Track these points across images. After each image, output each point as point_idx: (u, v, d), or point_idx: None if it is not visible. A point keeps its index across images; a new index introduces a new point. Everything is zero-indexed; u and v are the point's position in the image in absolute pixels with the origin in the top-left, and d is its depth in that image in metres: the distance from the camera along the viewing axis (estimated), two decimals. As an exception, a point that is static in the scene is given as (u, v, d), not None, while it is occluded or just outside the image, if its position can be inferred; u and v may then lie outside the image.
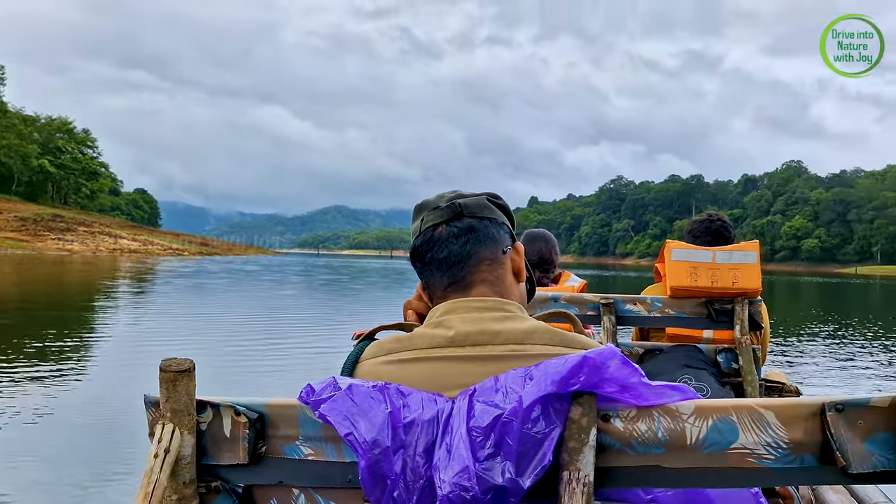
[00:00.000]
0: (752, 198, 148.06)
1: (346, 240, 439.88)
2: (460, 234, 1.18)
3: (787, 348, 13.52)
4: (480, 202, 1.23)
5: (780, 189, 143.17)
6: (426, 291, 1.24)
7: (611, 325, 3.00)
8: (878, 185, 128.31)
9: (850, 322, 20.14)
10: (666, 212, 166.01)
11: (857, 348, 13.85)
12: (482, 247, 1.18)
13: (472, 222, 1.19)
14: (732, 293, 2.90)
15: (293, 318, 16.12)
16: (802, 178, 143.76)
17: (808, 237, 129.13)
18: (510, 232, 1.26)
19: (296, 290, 26.81)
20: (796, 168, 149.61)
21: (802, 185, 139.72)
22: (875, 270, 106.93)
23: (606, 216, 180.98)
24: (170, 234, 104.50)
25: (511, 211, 1.31)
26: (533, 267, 3.28)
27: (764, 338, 3.09)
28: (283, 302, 20.92)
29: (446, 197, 1.24)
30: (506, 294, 1.19)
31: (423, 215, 1.24)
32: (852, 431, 0.87)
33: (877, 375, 10.56)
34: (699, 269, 2.92)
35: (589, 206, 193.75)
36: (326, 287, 30.29)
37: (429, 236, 1.20)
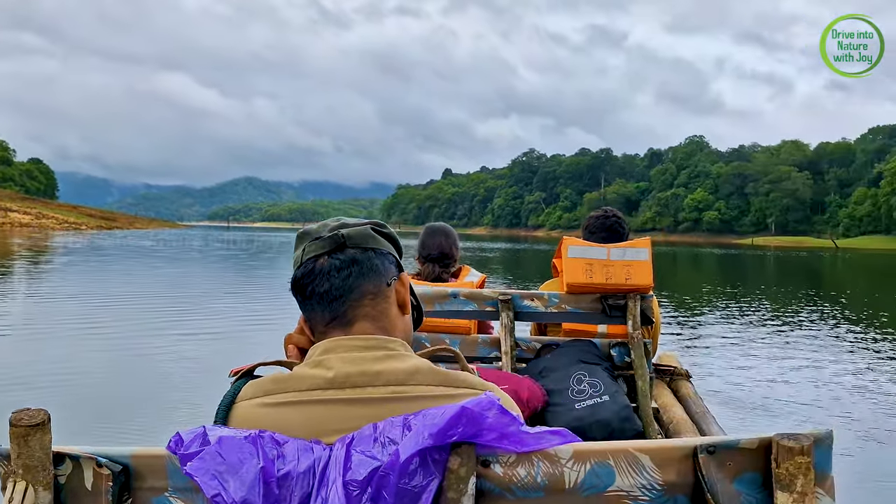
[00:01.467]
0: (657, 171, 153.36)
1: (259, 212, 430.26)
2: (342, 267, 1.14)
3: (684, 325, 14.11)
4: (364, 232, 1.19)
5: (683, 163, 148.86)
6: (308, 325, 1.20)
7: (509, 322, 3.03)
8: (773, 160, 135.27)
9: (744, 295, 21.20)
10: (576, 184, 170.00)
11: (749, 323, 14.59)
12: (365, 280, 1.15)
13: (355, 254, 1.15)
14: (626, 289, 2.97)
15: (163, 305, 13.94)
16: (704, 153, 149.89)
17: (708, 209, 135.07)
18: (396, 261, 1.23)
19: (180, 270, 24.67)
20: (698, 143, 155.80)
21: (704, 160, 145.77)
22: (769, 241, 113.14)
23: (519, 188, 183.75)
24: (67, 206, 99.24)
25: (397, 239, 1.27)
26: (433, 261, 3.27)
27: (655, 331, 3.19)
28: (155, 285, 18.50)
29: (329, 226, 1.20)
30: (389, 329, 1.16)
31: (304, 245, 1.19)
32: (722, 472, 0.90)
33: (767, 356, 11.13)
34: (594, 265, 2.98)
35: (502, 179, 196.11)
36: (218, 266, 27.87)
37: (310, 268, 1.15)
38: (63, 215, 78.16)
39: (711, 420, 3.31)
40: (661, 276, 29.63)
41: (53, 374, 7.31)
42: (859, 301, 20.03)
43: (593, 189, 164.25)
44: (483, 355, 3.13)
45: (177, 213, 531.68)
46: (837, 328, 13.28)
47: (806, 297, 20.25)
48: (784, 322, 14.12)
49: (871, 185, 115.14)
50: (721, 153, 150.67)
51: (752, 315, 15.16)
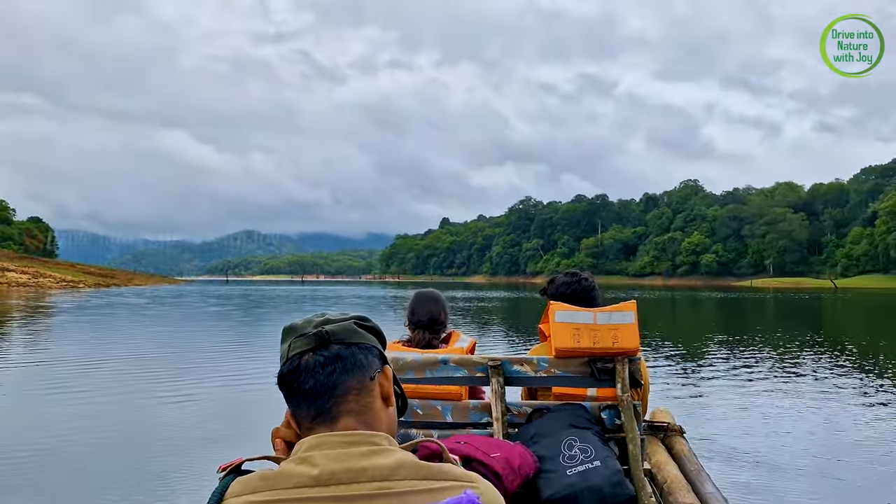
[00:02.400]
0: (653, 215, 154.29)
1: (258, 265, 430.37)
2: (327, 364, 1.17)
3: (681, 375, 14.04)
4: (348, 328, 1.22)
5: (679, 207, 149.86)
6: (294, 419, 1.22)
7: (499, 387, 3.06)
8: (767, 202, 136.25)
9: (744, 341, 21.12)
10: (574, 231, 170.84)
11: (750, 371, 14.51)
12: (349, 376, 1.18)
13: (339, 350, 1.19)
14: (613, 352, 3.01)
15: (144, 367, 13.50)
16: (699, 196, 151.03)
17: (706, 252, 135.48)
18: (380, 354, 1.26)
19: (166, 327, 23.87)
20: (693, 187, 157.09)
21: (699, 203, 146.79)
22: (768, 283, 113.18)
23: (517, 236, 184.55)
24: (65, 265, 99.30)
25: (381, 331, 1.30)
26: (423, 328, 3.31)
27: (644, 393, 3.22)
28: (137, 345, 17.85)
29: (314, 322, 1.23)
30: (374, 423, 1.18)
31: (290, 341, 1.22)
32: None
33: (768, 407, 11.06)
34: (581, 330, 3.02)
35: (499, 227, 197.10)
36: (208, 322, 27.14)
37: (295, 364, 1.19)
38: (61, 274, 78.19)
39: (706, 478, 3.31)
40: (661, 323, 29.55)
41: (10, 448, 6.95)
42: (862, 345, 19.96)
43: (590, 235, 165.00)
44: (475, 421, 3.15)
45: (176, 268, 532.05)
46: (841, 375, 13.21)
47: (807, 341, 20.19)
48: (785, 369, 14.05)
49: (866, 224, 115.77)
50: (716, 196, 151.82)
51: (753, 363, 15.09)
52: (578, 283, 3.32)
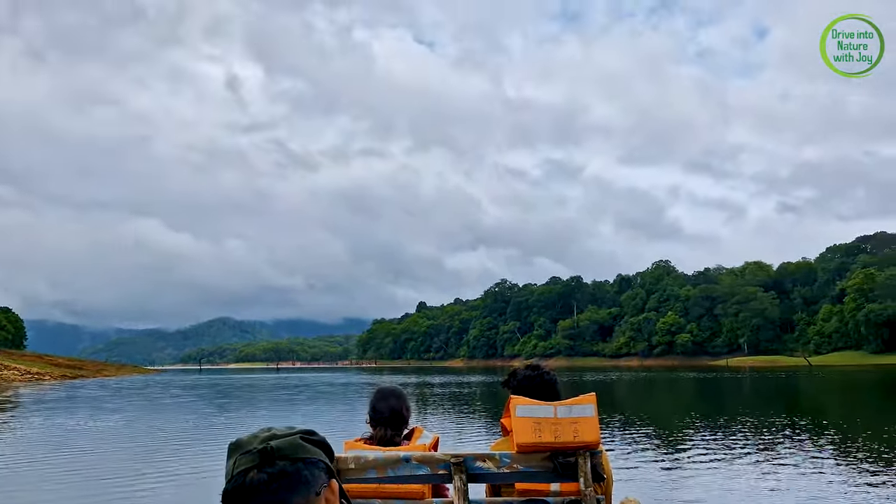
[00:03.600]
0: (627, 296, 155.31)
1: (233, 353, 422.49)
2: (272, 481, 1.16)
3: (656, 460, 13.89)
4: (294, 443, 1.21)
5: (652, 287, 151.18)
6: None
7: (462, 485, 3.03)
8: (738, 281, 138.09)
9: (720, 424, 21.02)
10: (550, 312, 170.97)
11: (725, 454, 14.40)
12: (294, 493, 1.17)
13: (284, 466, 1.18)
14: (574, 446, 3.01)
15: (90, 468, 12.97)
16: (671, 277, 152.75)
17: (681, 332, 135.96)
18: (326, 467, 1.25)
19: (115, 421, 22.45)
20: (665, 267, 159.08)
21: (672, 283, 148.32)
22: (744, 361, 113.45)
23: (493, 319, 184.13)
24: (31, 356, 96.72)
25: (328, 445, 1.31)
26: (385, 423, 3.30)
27: (607, 487, 3.20)
28: (83, 442, 16.84)
29: (260, 437, 1.22)
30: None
31: (235, 457, 1.21)
32: None
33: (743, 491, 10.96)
34: (542, 424, 3.02)
35: (476, 310, 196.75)
36: (163, 415, 25.68)
37: (240, 482, 1.18)
38: (27, 365, 76.03)
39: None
40: (637, 405, 29.29)
41: None
42: (840, 424, 19.95)
43: (566, 316, 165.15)
44: (439, 520, 3.09)
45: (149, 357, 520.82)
46: (821, 457, 13.15)
47: (786, 423, 20.13)
48: (764, 452, 13.96)
49: (835, 301, 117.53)
50: (687, 276, 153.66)
51: (730, 446, 14.98)
52: (540, 376, 3.33)
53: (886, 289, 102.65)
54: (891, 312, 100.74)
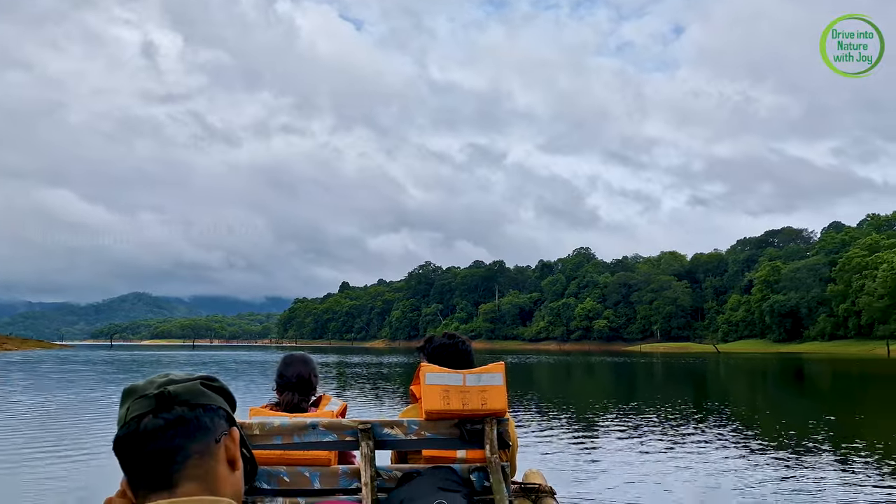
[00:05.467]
0: (548, 281, 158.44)
1: (148, 329, 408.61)
2: (168, 427, 1.10)
3: (562, 438, 14.24)
4: (193, 388, 1.15)
5: (572, 273, 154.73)
6: (130, 488, 1.13)
7: (369, 451, 3.02)
8: (654, 270, 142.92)
9: (629, 404, 21.72)
10: (472, 296, 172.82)
11: (631, 433, 14.89)
12: (192, 440, 1.11)
13: (182, 412, 1.12)
14: (482, 414, 3.04)
15: None
16: (591, 264, 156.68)
17: (598, 318, 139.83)
18: (227, 416, 1.19)
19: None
20: (585, 254, 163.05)
21: (591, 270, 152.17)
22: (657, 347, 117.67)
23: (416, 301, 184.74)
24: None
25: (229, 392, 1.24)
26: (292, 389, 3.25)
27: (512, 454, 3.25)
28: None
29: (156, 383, 1.15)
30: (217, 489, 1.11)
31: (129, 403, 1.14)
32: None
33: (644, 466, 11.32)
34: (451, 391, 3.04)
35: (399, 291, 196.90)
36: (50, 389, 23.94)
37: (133, 429, 1.11)
38: (-79, 338, 71.62)
39: (574, 540, 3.35)
40: (553, 387, 29.98)
41: None
42: (741, 407, 20.94)
43: (488, 300, 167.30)
44: (344, 486, 3.08)
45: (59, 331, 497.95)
46: (720, 436, 13.77)
47: (690, 404, 20.99)
48: (666, 432, 14.52)
49: (743, 292, 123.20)
50: (606, 264, 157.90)
51: (634, 425, 15.52)
52: (455, 345, 3.33)
53: (790, 281, 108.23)
54: (793, 303, 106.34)
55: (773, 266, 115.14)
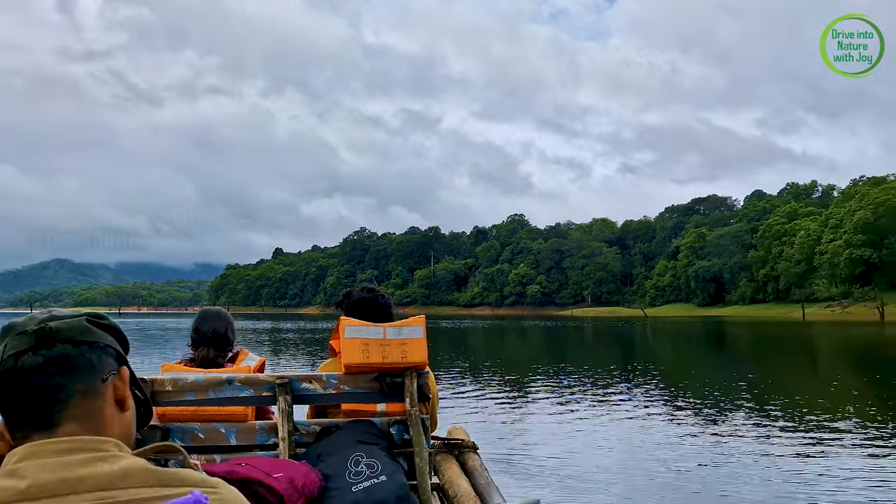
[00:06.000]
0: (483, 248, 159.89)
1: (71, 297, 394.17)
2: (48, 365, 1.04)
3: (489, 397, 14.46)
4: (78, 325, 1.09)
5: (506, 240, 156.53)
6: (7, 429, 1.07)
7: (286, 406, 2.97)
8: (586, 236, 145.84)
9: (558, 365, 22.19)
10: (407, 262, 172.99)
11: (556, 393, 15.25)
12: (74, 378, 1.05)
13: (64, 349, 1.05)
14: (402, 367, 3.02)
15: None
16: (525, 230, 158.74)
17: (531, 283, 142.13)
18: (117, 354, 1.14)
19: None
20: (519, 221, 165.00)
21: (525, 237, 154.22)
22: (587, 312, 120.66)
23: (351, 267, 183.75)
24: None
25: (119, 330, 1.18)
26: (207, 344, 3.16)
27: (433, 407, 3.25)
28: None
29: (37, 319, 1.09)
30: (103, 429, 1.06)
31: (6, 341, 1.07)
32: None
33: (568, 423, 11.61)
34: (371, 345, 3.00)
35: (334, 258, 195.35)
36: None
37: (9, 366, 1.04)
38: None
39: (494, 490, 3.39)
40: (488, 351, 30.39)
41: None
42: (666, 366, 21.67)
43: (424, 266, 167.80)
44: (261, 442, 3.03)
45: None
46: (642, 395, 14.23)
47: (617, 365, 21.61)
48: (592, 391, 14.92)
49: (670, 258, 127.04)
50: (540, 230, 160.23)
51: (561, 385, 15.90)
52: (374, 299, 3.30)
53: (714, 247, 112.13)
54: (717, 269, 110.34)
55: (698, 233, 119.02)
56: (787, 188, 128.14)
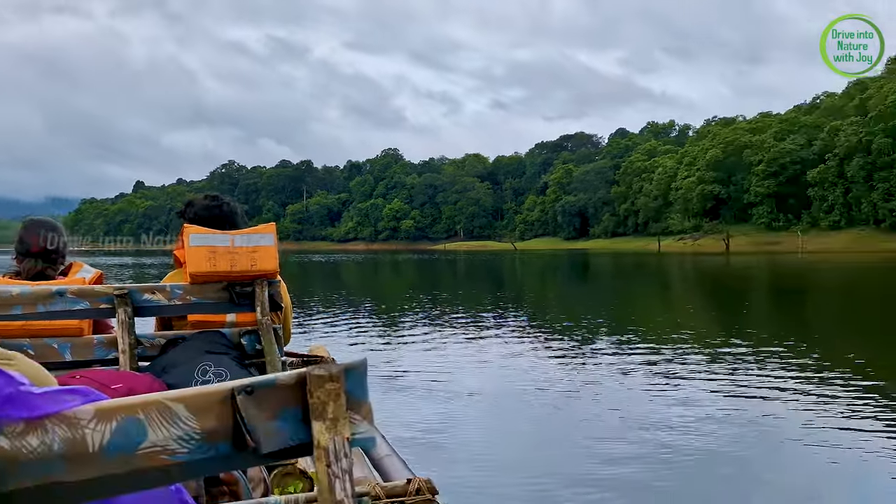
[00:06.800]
0: (356, 182, 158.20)
1: None
2: None
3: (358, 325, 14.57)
4: None
5: (380, 175, 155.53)
6: None
7: (126, 318, 2.80)
8: (459, 172, 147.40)
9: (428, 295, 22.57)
10: (279, 196, 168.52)
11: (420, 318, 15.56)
12: None
13: None
14: (252, 275, 2.92)
15: None
16: (399, 165, 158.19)
17: (405, 218, 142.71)
18: None
19: None
20: (393, 155, 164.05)
21: (399, 171, 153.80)
22: (460, 246, 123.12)
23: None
24: None
25: None
26: (34, 255, 2.92)
27: (285, 316, 3.18)
28: None
29: None
30: None
31: None
32: (261, 412, 0.87)
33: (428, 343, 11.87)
34: (218, 253, 2.87)
35: (201, 192, 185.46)
36: None
37: None
38: None
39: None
40: (361, 284, 30.40)
41: None
42: (533, 296, 22.53)
43: (296, 200, 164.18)
44: (100, 357, 2.86)
45: None
46: (515, 322, 14.78)
47: (485, 295, 22.25)
48: (462, 319, 15.33)
49: (539, 193, 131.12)
50: (414, 165, 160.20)
51: (439, 316, 16.23)
52: (220, 206, 3.13)
53: (580, 183, 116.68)
54: (582, 204, 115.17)
55: (566, 169, 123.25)
56: (647, 127, 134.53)
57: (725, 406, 6.86)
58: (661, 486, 4.83)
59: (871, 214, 70.72)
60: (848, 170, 72.06)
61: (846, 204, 73.89)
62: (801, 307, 18.10)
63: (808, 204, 78.45)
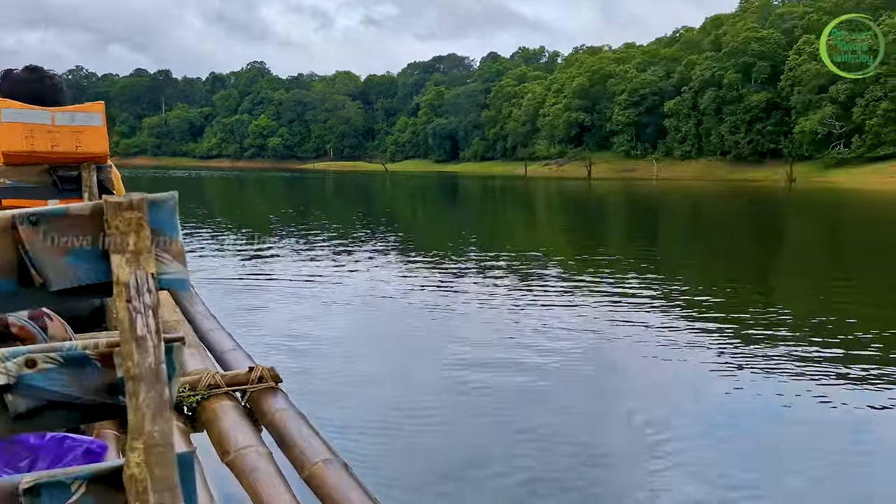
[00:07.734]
0: (220, 96, 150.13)
1: None
2: None
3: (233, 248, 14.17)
4: None
5: (246, 89, 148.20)
6: None
7: (-72, 201, 2.51)
8: (329, 89, 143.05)
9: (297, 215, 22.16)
10: (134, 108, 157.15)
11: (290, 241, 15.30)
12: None
13: None
14: (77, 158, 2.67)
15: None
16: (266, 80, 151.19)
17: (273, 136, 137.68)
18: None
19: None
20: (260, 69, 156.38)
21: (266, 86, 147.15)
22: (329, 165, 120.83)
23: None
24: None
25: None
26: None
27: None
28: None
29: None
30: None
31: None
32: (51, 246, 0.77)
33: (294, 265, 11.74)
34: (36, 131, 2.59)
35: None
36: None
37: None
38: None
39: (196, 300, 3.26)
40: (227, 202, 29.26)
41: None
42: (402, 216, 22.57)
43: (154, 113, 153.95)
44: None
45: None
46: (384, 242, 14.76)
47: (360, 216, 22.08)
48: (339, 241, 15.16)
49: (411, 115, 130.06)
50: (282, 80, 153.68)
51: (308, 236, 15.95)
52: (41, 80, 2.81)
53: (452, 106, 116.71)
54: (453, 127, 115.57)
55: (437, 91, 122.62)
56: (518, 52, 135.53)
57: (581, 315, 7.24)
58: (515, 385, 5.07)
59: (719, 146, 75.72)
60: (701, 102, 76.32)
61: (697, 135, 78.55)
62: (652, 228, 19.30)
63: (665, 134, 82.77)
